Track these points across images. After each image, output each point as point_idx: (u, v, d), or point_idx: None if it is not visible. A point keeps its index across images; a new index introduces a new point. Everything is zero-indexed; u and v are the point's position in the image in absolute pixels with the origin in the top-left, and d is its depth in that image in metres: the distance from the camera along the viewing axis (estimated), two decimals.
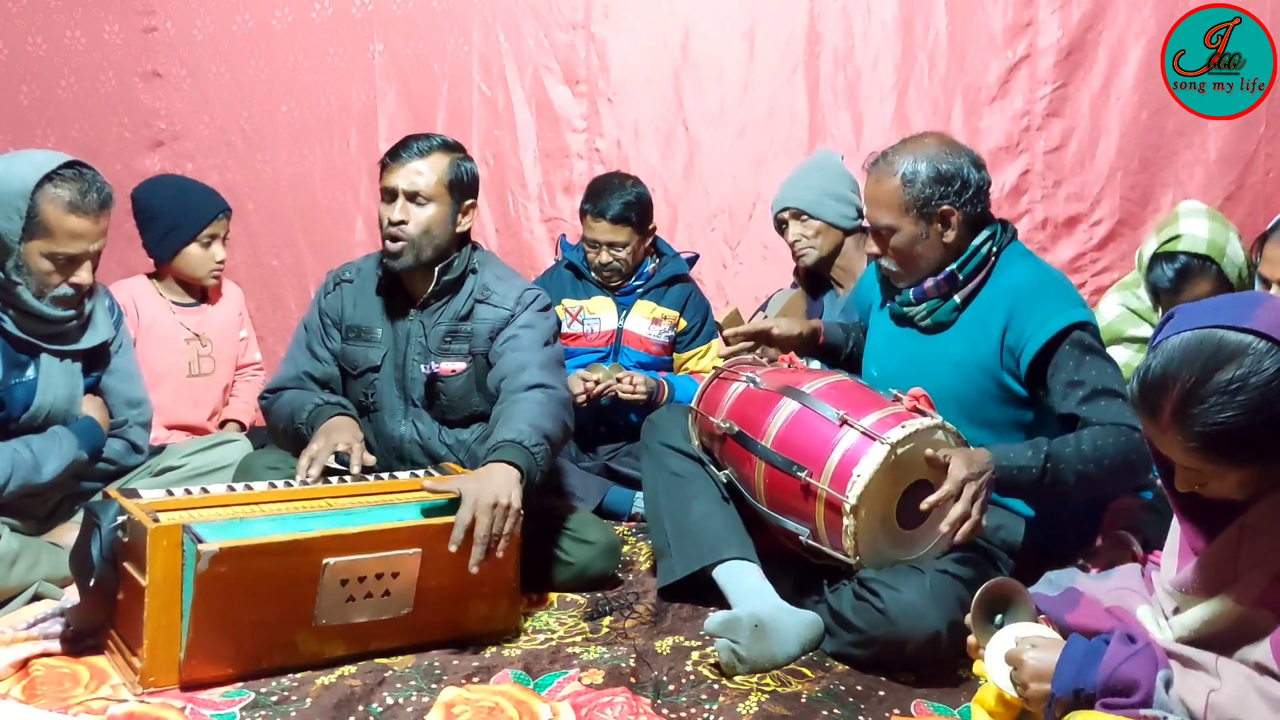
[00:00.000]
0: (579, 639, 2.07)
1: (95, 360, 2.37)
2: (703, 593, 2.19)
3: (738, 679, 1.88)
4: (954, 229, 2.08)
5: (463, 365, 2.38)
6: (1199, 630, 1.36)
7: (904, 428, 1.89)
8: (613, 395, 3.02)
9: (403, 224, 2.32)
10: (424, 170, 2.33)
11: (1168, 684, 1.29)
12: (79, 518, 2.00)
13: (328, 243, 3.93)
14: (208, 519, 1.87)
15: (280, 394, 2.41)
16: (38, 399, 2.22)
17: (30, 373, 2.23)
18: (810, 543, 2.00)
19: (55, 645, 1.91)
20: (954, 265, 2.10)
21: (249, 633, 1.80)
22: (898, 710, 1.78)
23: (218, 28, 3.99)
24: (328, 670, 1.87)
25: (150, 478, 2.45)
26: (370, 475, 2.19)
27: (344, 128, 3.96)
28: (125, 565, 1.83)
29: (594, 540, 2.35)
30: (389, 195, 2.35)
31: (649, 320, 3.22)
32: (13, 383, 2.20)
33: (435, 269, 2.37)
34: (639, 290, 3.23)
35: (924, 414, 1.96)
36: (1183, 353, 1.26)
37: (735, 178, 3.80)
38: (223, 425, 3.12)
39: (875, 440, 1.89)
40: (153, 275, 3.08)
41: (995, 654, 1.44)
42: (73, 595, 2.03)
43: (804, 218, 2.97)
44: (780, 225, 3.05)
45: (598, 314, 3.21)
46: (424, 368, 2.38)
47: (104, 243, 2.24)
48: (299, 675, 1.84)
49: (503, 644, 2.03)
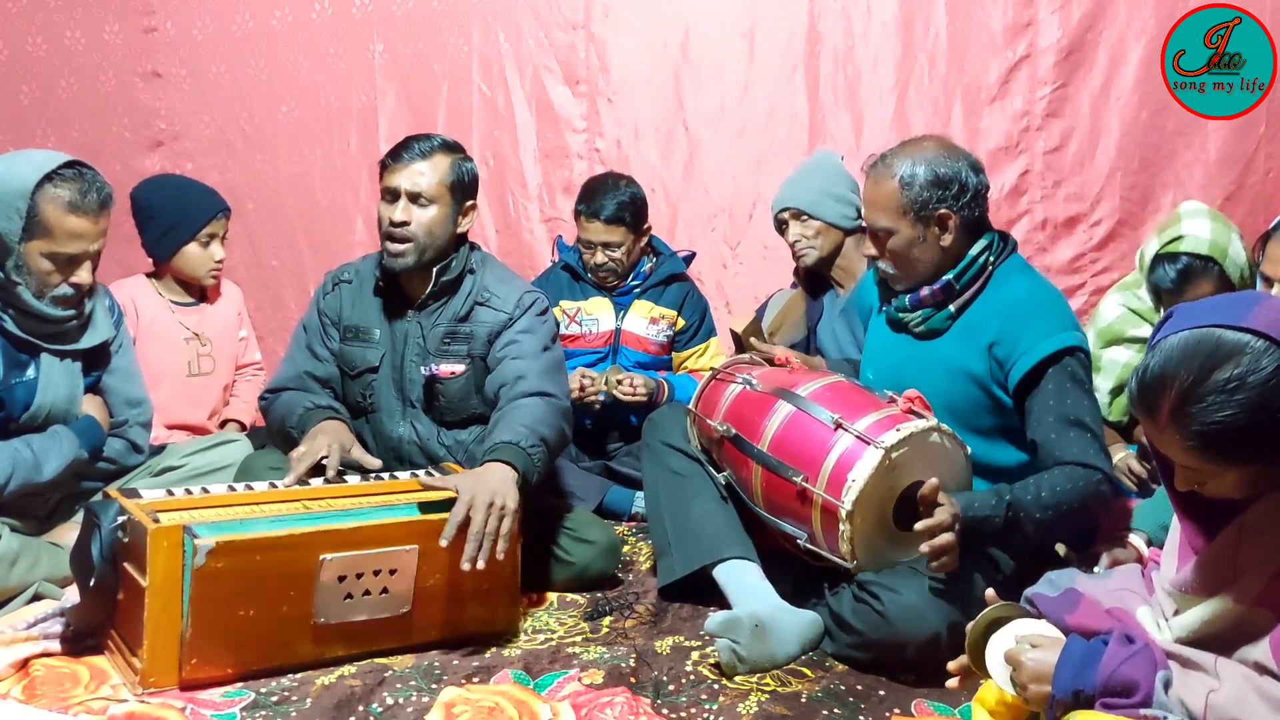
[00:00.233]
0: (579, 639, 2.07)
1: (95, 360, 2.37)
2: (703, 593, 2.19)
3: (738, 679, 1.88)
4: (951, 233, 2.08)
5: (461, 367, 2.38)
6: (1198, 630, 1.36)
7: (899, 431, 1.89)
8: (610, 397, 3.02)
9: (405, 224, 2.31)
10: (426, 171, 2.32)
11: (1167, 684, 1.29)
12: (79, 518, 2.00)
13: (328, 243, 3.93)
14: (208, 519, 1.87)
15: (279, 395, 2.41)
16: (38, 399, 2.22)
17: (30, 372, 2.23)
18: (808, 546, 2.00)
19: (55, 645, 1.91)
20: (950, 275, 2.09)
21: (249, 632, 1.80)
22: (898, 710, 1.79)
23: (218, 28, 3.99)
24: (328, 670, 1.87)
25: (150, 478, 2.45)
26: (357, 477, 2.18)
27: (344, 128, 3.97)
28: (125, 565, 1.83)
29: (594, 540, 2.35)
30: (390, 195, 2.34)
31: (647, 320, 3.21)
32: (13, 382, 2.20)
33: (433, 270, 2.37)
34: (636, 290, 3.22)
35: (919, 416, 1.96)
36: (1181, 352, 1.26)
37: (735, 178, 3.80)
38: (223, 425, 3.12)
39: (870, 445, 1.89)
40: (152, 275, 3.08)
41: (996, 653, 1.44)
42: (73, 595, 2.03)
43: (804, 218, 2.97)
44: (780, 225, 3.05)
45: (595, 315, 3.21)
46: (423, 369, 2.38)
47: (104, 242, 2.24)
48: (299, 675, 1.85)
49: (503, 644, 2.03)
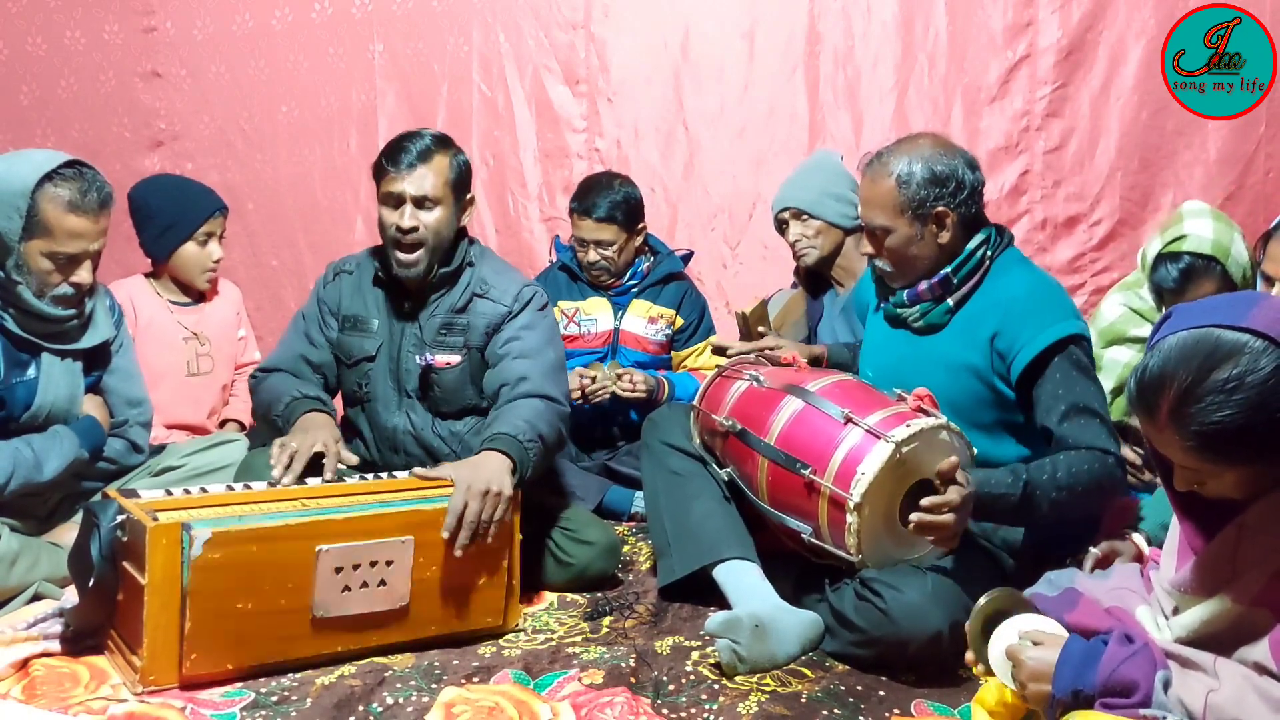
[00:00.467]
0: (579, 639, 2.07)
1: (96, 360, 2.37)
2: (703, 593, 2.19)
3: (738, 679, 1.88)
4: (949, 230, 2.08)
5: (457, 358, 2.39)
6: (1198, 630, 1.36)
7: (909, 426, 1.89)
8: (611, 395, 3.02)
9: (414, 230, 2.32)
10: (429, 174, 2.32)
11: (1166, 684, 1.29)
12: (79, 518, 1.99)
13: (328, 243, 3.93)
14: (206, 517, 1.86)
15: (269, 375, 2.42)
16: (38, 398, 2.22)
17: (31, 372, 2.23)
18: (813, 541, 2.00)
19: (55, 645, 1.91)
20: (948, 269, 2.09)
21: (248, 626, 1.81)
22: (898, 710, 1.79)
23: (218, 28, 3.99)
24: (328, 670, 1.87)
25: (150, 478, 2.45)
26: (347, 477, 2.18)
27: (344, 128, 3.97)
28: (125, 565, 1.83)
29: (594, 540, 2.36)
30: (394, 201, 2.33)
31: (645, 319, 3.21)
32: (14, 382, 2.20)
33: (434, 263, 2.38)
34: (634, 290, 3.22)
35: (928, 414, 1.96)
36: (1180, 352, 1.26)
37: (735, 178, 3.80)
38: (222, 425, 3.12)
39: (880, 438, 1.89)
40: (150, 275, 3.08)
41: (998, 648, 1.44)
42: (73, 595, 2.03)
43: (804, 217, 2.97)
44: (780, 225, 3.05)
45: (594, 315, 3.21)
46: (419, 359, 2.38)
47: (104, 242, 2.24)
48: (299, 675, 1.85)
49: (502, 644, 2.03)
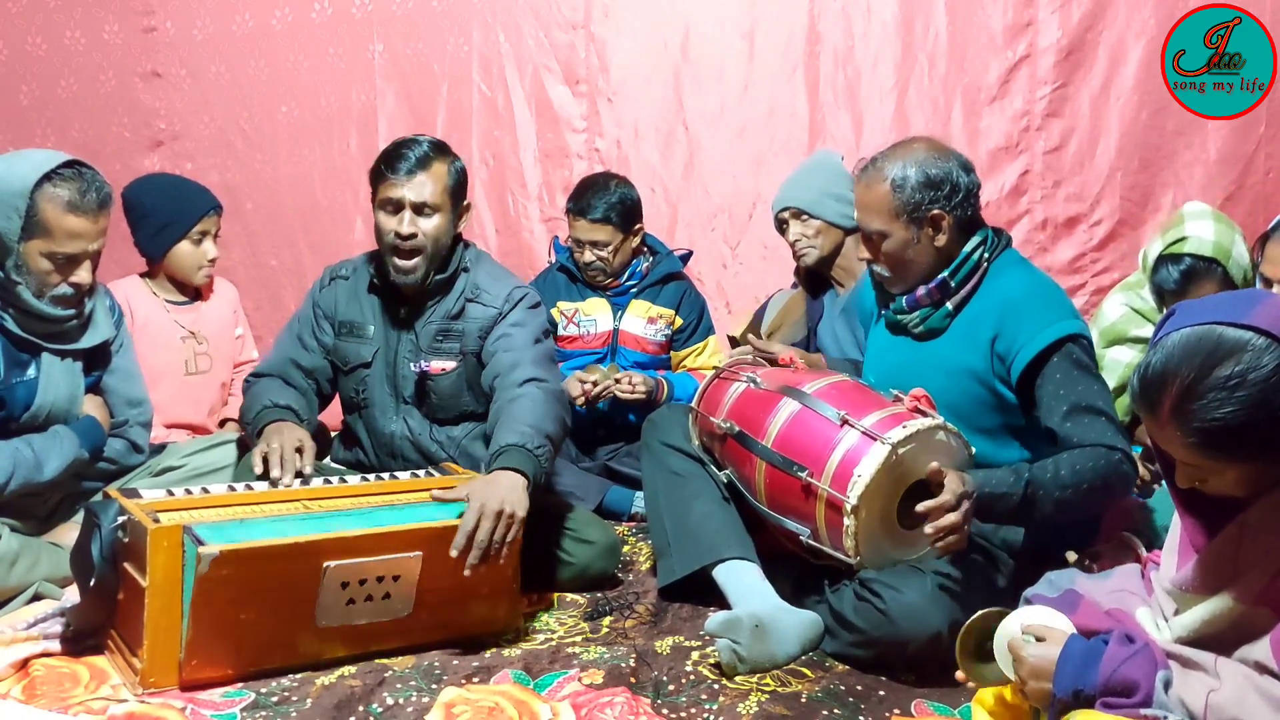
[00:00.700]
0: (579, 639, 2.07)
1: (96, 360, 2.37)
2: (703, 593, 2.19)
3: (738, 679, 1.88)
4: (945, 233, 2.08)
5: (453, 364, 2.39)
6: (1199, 629, 1.36)
7: (905, 428, 1.89)
8: (611, 396, 3.01)
9: (413, 237, 2.32)
10: (429, 181, 2.33)
11: (1167, 684, 1.29)
12: (79, 518, 2.00)
13: (327, 243, 3.93)
14: (208, 519, 1.87)
15: (259, 380, 2.43)
16: (38, 398, 2.22)
17: (31, 372, 2.23)
18: (811, 543, 2.00)
19: (55, 645, 1.91)
20: (945, 273, 2.09)
21: (249, 634, 1.80)
22: (898, 710, 1.78)
23: (218, 28, 3.99)
24: (328, 671, 1.87)
25: (151, 477, 2.45)
26: (349, 477, 2.20)
27: (344, 128, 3.97)
28: (125, 565, 1.83)
29: (594, 540, 2.35)
30: (392, 207, 2.34)
31: (644, 320, 3.21)
32: (13, 382, 2.20)
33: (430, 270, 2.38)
34: (633, 290, 3.22)
35: (925, 414, 1.95)
36: (1182, 349, 1.26)
37: (735, 178, 3.80)
38: (222, 424, 3.12)
39: (876, 440, 1.88)
40: (145, 275, 3.08)
41: (1002, 643, 1.44)
42: (73, 595, 2.03)
43: (804, 217, 2.97)
44: (780, 225, 3.05)
45: (593, 315, 3.21)
46: (414, 366, 2.39)
47: (103, 242, 2.24)
48: (299, 676, 1.84)
49: (503, 644, 2.03)
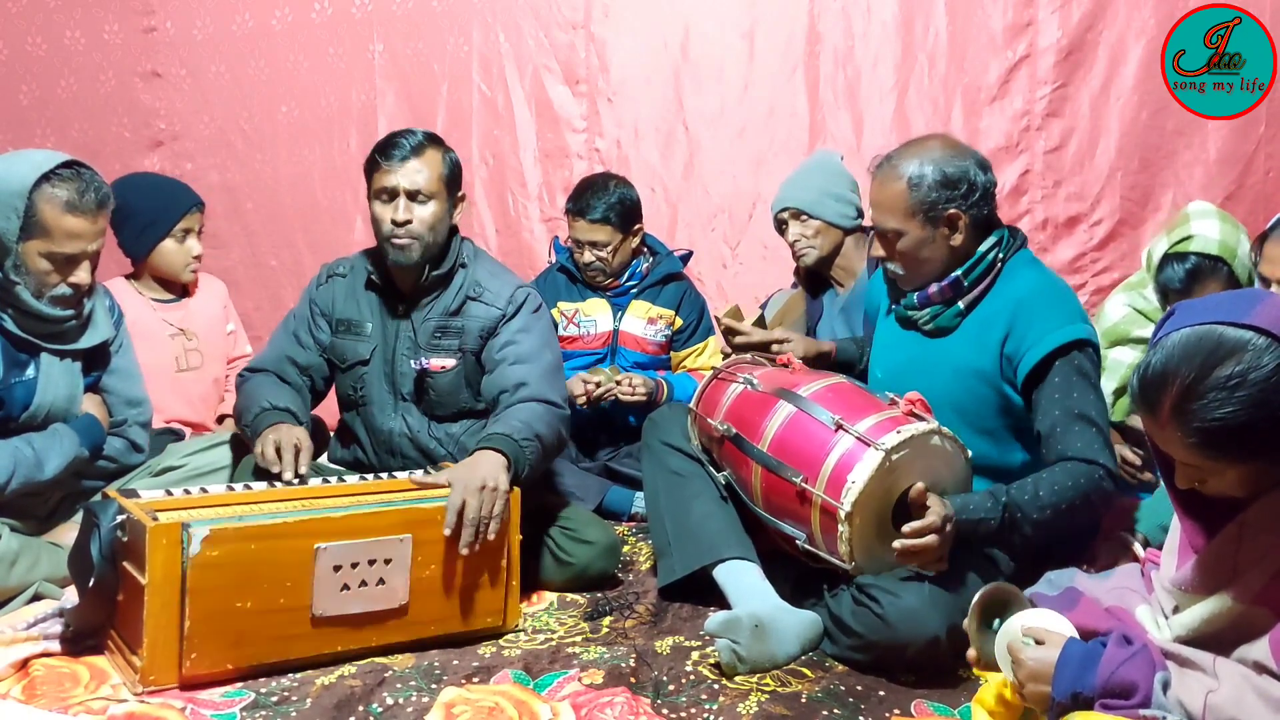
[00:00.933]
0: (579, 639, 2.07)
1: (95, 360, 2.37)
2: (703, 593, 2.19)
3: (738, 679, 1.88)
4: (961, 232, 2.06)
5: (452, 361, 2.39)
6: (1198, 629, 1.36)
7: (899, 433, 1.88)
8: (613, 398, 3.01)
9: (408, 223, 2.32)
10: (422, 168, 2.33)
11: (1165, 685, 1.29)
12: (79, 518, 1.99)
13: (327, 243, 3.93)
14: (206, 518, 1.86)
15: (254, 375, 2.42)
16: (38, 398, 2.22)
17: (30, 372, 2.23)
18: (807, 547, 2.00)
19: (55, 645, 1.91)
20: (959, 271, 2.08)
21: (247, 625, 1.81)
22: (898, 710, 1.78)
23: (218, 28, 3.99)
24: (328, 670, 1.87)
25: (150, 477, 2.44)
26: (348, 477, 2.20)
27: (344, 128, 3.97)
28: (125, 565, 1.83)
29: (594, 540, 2.35)
30: (387, 195, 2.35)
31: (644, 320, 3.21)
32: (13, 382, 2.20)
33: (425, 264, 2.38)
34: (633, 290, 3.22)
35: (920, 418, 1.95)
36: (1182, 349, 1.26)
37: (735, 178, 3.80)
38: (220, 420, 3.12)
39: (870, 446, 1.88)
40: (130, 276, 3.06)
41: (1002, 644, 1.44)
42: (73, 595, 2.03)
43: (804, 217, 2.97)
44: (780, 225, 3.04)
45: (593, 316, 3.20)
46: (413, 363, 2.39)
47: (103, 242, 2.24)
48: (299, 675, 1.85)
49: (502, 644, 2.03)
